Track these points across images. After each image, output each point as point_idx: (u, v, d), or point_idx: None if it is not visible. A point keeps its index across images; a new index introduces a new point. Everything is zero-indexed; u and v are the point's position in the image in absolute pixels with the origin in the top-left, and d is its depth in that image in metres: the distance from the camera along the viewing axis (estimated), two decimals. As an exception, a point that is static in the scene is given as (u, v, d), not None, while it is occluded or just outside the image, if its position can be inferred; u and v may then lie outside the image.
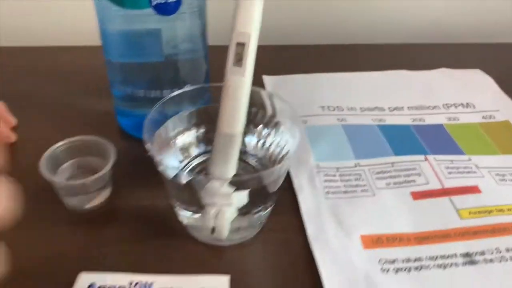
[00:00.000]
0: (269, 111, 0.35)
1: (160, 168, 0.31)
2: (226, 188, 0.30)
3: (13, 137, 0.41)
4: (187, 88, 0.35)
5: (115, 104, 0.43)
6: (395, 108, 0.47)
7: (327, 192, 0.37)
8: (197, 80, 0.40)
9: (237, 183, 0.30)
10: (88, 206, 0.35)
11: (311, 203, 0.36)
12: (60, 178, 0.35)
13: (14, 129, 0.42)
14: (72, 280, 0.30)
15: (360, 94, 0.49)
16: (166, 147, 0.35)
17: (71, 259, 0.32)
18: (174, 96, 0.34)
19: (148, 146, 0.31)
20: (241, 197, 0.31)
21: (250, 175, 0.34)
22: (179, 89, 0.38)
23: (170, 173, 0.31)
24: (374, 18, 0.63)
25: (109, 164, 0.34)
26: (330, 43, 0.61)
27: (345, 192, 0.37)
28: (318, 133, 0.43)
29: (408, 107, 0.47)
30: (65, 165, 0.36)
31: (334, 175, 0.38)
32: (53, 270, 0.31)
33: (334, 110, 0.46)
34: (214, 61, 0.40)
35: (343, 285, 0.30)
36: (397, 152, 0.41)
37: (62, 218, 0.35)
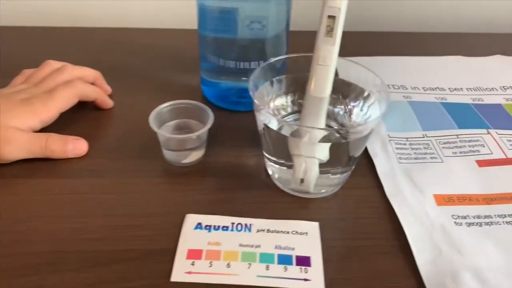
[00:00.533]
0: (359, 83, 0.39)
1: (261, 121, 0.35)
2: (312, 137, 0.34)
3: (110, 102, 0.46)
4: (276, 58, 0.39)
5: (202, 77, 0.47)
6: (455, 89, 0.50)
7: (400, 158, 0.41)
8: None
9: (324, 138, 0.34)
10: (184, 161, 0.39)
11: (385, 166, 0.40)
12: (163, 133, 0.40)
13: (110, 97, 0.47)
14: (180, 221, 0.35)
15: (421, 75, 0.52)
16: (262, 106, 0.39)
17: (176, 204, 0.36)
18: (264, 66, 0.38)
19: (255, 102, 0.35)
20: (325, 150, 0.34)
21: (337, 128, 0.39)
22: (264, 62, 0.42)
23: (269, 125, 0.35)
24: (437, 8, 0.66)
25: (207, 125, 0.38)
26: (392, 30, 0.65)
27: (416, 158, 0.41)
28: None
29: (467, 89, 0.50)
30: (168, 124, 0.40)
31: (405, 144, 0.42)
32: (162, 212, 0.35)
33: (398, 88, 0.49)
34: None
35: (422, 233, 0.34)
36: (461, 126, 0.44)
37: (163, 170, 0.39)
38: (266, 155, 0.38)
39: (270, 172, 0.39)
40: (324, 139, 0.34)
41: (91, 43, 0.58)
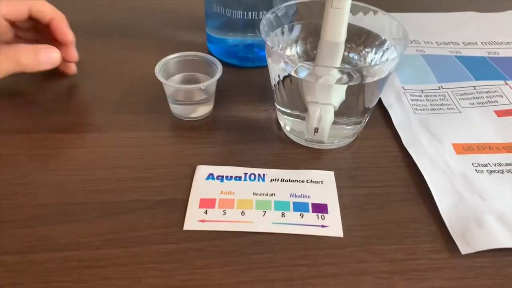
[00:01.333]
0: (377, 29, 0.37)
1: (275, 67, 0.34)
2: (327, 78, 0.32)
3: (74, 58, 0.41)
4: (287, 3, 0.37)
5: (207, 33, 0.46)
6: (469, 43, 0.48)
7: (415, 109, 0.39)
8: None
9: (337, 75, 0.32)
10: (193, 115, 0.38)
11: (401, 116, 0.38)
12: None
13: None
14: (191, 172, 0.33)
15: (434, 31, 0.50)
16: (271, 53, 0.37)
17: (186, 156, 0.35)
18: (274, 12, 0.37)
19: (268, 44, 0.33)
20: (339, 96, 0.33)
21: (350, 67, 0.37)
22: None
23: (284, 70, 0.34)
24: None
25: (216, 76, 0.37)
26: None
27: (432, 109, 0.39)
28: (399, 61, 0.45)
29: (482, 43, 0.49)
30: (174, 77, 0.39)
31: (420, 96, 0.41)
32: (172, 164, 0.34)
33: (411, 42, 0.48)
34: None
35: (442, 180, 0.33)
36: (477, 77, 0.43)
37: (171, 124, 0.38)
38: (279, 107, 0.37)
39: (282, 125, 0.37)
40: (340, 81, 0.33)
41: (85, 3, 0.56)
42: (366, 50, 0.37)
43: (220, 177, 0.33)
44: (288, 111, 0.36)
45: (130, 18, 0.53)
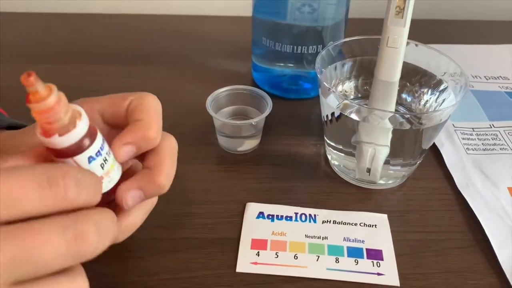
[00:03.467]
0: (432, 68, 0.37)
1: (328, 104, 0.33)
2: (386, 122, 0.32)
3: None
4: (341, 41, 0.37)
5: (253, 62, 0.46)
6: (519, 78, 0.48)
7: (467, 149, 0.38)
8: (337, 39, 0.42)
9: (396, 120, 0.32)
10: (240, 148, 0.38)
11: (453, 157, 0.37)
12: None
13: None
14: (241, 209, 0.33)
15: (481, 64, 0.49)
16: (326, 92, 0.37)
17: (235, 192, 0.35)
18: (328, 49, 0.36)
19: (324, 84, 0.33)
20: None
21: (412, 112, 0.36)
22: (322, 46, 0.40)
23: (335, 103, 0.33)
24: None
25: (266, 112, 0.36)
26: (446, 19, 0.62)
27: (485, 149, 0.38)
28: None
29: (532, 78, 0.48)
30: (224, 110, 0.39)
31: (471, 134, 0.40)
32: (221, 200, 0.34)
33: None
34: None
35: (501, 227, 0.31)
36: (531, 117, 0.42)
37: (218, 157, 0.38)
38: (329, 142, 0.36)
39: (331, 161, 0.37)
40: (399, 126, 0.32)
41: (135, 30, 0.57)
42: (421, 90, 0.37)
43: (270, 216, 0.32)
44: (340, 147, 0.35)
45: (171, 45, 0.53)
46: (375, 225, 0.32)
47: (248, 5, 0.44)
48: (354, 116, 0.33)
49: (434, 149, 0.38)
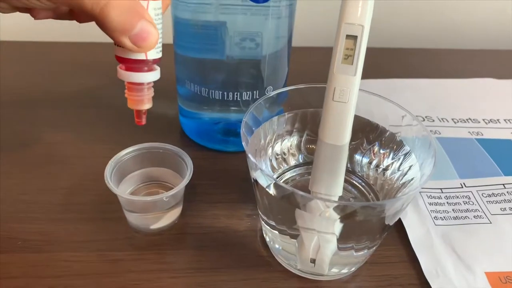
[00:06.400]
0: (386, 124, 0.30)
1: (256, 176, 0.26)
2: (332, 213, 0.25)
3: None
4: (277, 91, 0.29)
5: (179, 105, 0.37)
6: (491, 120, 0.41)
7: (435, 217, 0.31)
8: (278, 82, 0.35)
9: (346, 210, 0.25)
10: (154, 226, 0.29)
11: (419, 230, 0.30)
12: (124, 188, 0.30)
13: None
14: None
15: (449, 103, 0.43)
16: (258, 155, 0.30)
17: (141, 291, 0.26)
18: (260, 102, 0.29)
19: (247, 151, 0.25)
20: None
21: (366, 202, 0.29)
22: (258, 91, 0.33)
23: (265, 183, 0.26)
24: (455, 21, 0.58)
25: (184, 181, 0.28)
26: (405, 47, 0.56)
27: (455, 217, 0.31)
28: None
29: (505, 120, 0.41)
30: (133, 174, 0.30)
31: (439, 197, 0.33)
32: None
33: (423, 120, 0.40)
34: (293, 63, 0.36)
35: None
36: (507, 172, 0.35)
37: (124, 239, 0.29)
38: (263, 216, 0.28)
39: (268, 242, 0.29)
40: (350, 216, 0.25)
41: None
42: (381, 152, 0.30)
43: (184, 331, 0.24)
44: (278, 226, 0.28)
45: (71, 79, 0.44)
46: None
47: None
48: (286, 196, 0.25)
49: (397, 222, 0.31)
